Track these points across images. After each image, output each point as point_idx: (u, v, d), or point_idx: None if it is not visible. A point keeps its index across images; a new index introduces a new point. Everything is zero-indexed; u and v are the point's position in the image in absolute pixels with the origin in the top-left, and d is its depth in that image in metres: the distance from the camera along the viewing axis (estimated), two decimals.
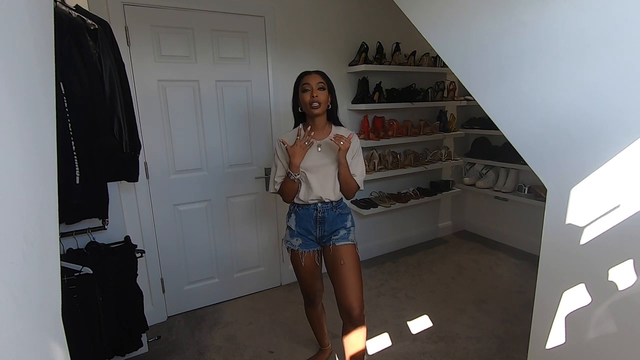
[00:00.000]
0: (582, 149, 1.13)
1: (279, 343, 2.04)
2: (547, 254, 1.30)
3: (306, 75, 1.51)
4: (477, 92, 1.40)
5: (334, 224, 1.57)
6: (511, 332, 2.09)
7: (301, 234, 1.59)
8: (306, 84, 1.48)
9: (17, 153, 0.52)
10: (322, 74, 1.52)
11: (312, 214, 1.56)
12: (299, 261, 1.61)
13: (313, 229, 1.58)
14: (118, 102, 1.43)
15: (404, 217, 3.29)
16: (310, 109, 1.47)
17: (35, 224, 0.57)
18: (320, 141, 1.54)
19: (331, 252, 1.54)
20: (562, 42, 1.11)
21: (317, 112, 1.48)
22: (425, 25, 1.52)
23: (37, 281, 0.57)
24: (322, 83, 1.48)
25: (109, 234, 1.73)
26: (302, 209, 1.57)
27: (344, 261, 1.51)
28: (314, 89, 1.46)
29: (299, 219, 1.58)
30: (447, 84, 3.21)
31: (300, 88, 1.50)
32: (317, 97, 1.46)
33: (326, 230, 1.57)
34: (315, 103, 1.46)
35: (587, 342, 1.20)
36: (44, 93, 0.67)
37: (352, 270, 1.52)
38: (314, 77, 1.49)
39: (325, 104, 1.50)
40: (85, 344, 1.40)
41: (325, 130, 1.56)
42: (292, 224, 1.61)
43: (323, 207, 1.56)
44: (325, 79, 1.51)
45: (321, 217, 1.56)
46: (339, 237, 1.56)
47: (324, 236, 1.58)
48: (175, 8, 2.03)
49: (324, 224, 1.57)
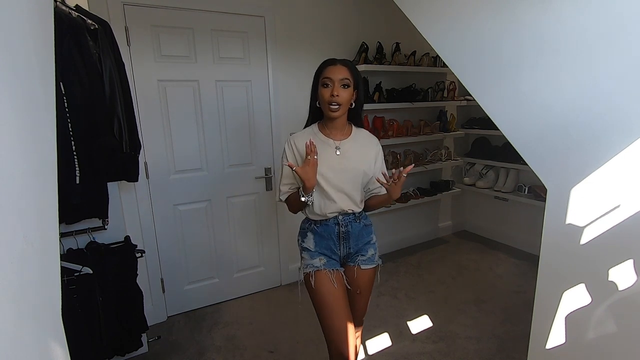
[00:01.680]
0: (582, 148, 1.13)
1: (279, 343, 2.04)
2: (547, 254, 1.30)
3: (330, 65, 1.23)
4: (477, 92, 1.40)
5: (359, 239, 1.35)
6: (511, 332, 2.09)
7: (323, 253, 1.33)
8: (327, 78, 1.21)
9: (17, 153, 0.52)
10: (349, 66, 1.24)
11: (334, 230, 1.31)
12: (328, 283, 1.26)
13: (336, 248, 1.33)
14: (118, 102, 1.43)
15: (404, 217, 3.29)
16: (329, 111, 1.23)
17: (35, 224, 0.57)
18: (339, 142, 1.30)
19: (355, 276, 1.33)
20: (563, 42, 1.11)
21: (335, 116, 1.24)
22: (425, 25, 1.51)
23: (37, 281, 0.57)
24: (348, 79, 1.22)
25: (109, 234, 1.73)
26: (321, 226, 1.32)
27: (360, 290, 1.35)
28: (336, 85, 1.20)
29: (318, 238, 1.33)
30: (447, 84, 3.21)
31: (320, 80, 1.24)
32: (337, 96, 1.20)
33: (352, 247, 1.34)
34: (334, 105, 1.21)
35: (587, 342, 1.20)
36: (44, 93, 0.67)
37: (366, 298, 1.38)
38: (339, 69, 1.21)
39: (347, 104, 1.25)
40: (85, 344, 1.40)
41: (345, 130, 1.33)
42: (310, 245, 1.33)
43: (345, 219, 1.32)
44: (352, 72, 1.24)
45: (344, 232, 1.32)
46: (367, 259, 1.35)
47: (349, 255, 1.35)
48: (175, 8, 2.03)
49: (349, 239, 1.33)
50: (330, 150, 1.29)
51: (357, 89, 1.28)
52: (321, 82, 1.24)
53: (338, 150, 1.30)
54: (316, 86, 1.28)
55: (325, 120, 1.32)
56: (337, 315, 1.26)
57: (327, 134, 1.32)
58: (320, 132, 1.33)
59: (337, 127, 1.31)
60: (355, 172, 1.30)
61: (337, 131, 1.32)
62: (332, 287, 1.27)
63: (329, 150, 1.29)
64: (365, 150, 1.35)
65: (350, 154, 1.31)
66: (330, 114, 1.24)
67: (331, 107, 1.22)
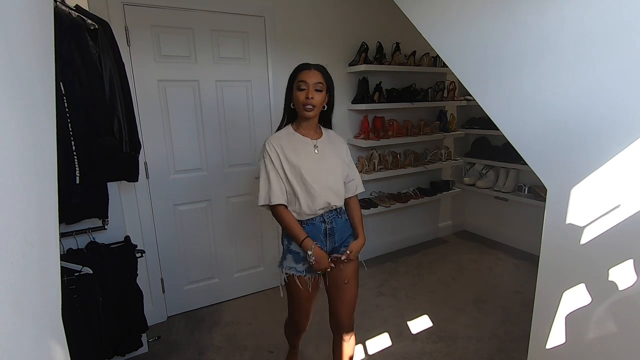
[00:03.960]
0: (583, 148, 1.13)
1: (279, 343, 2.04)
2: (547, 254, 1.30)
3: (304, 70, 1.33)
4: (477, 92, 1.40)
5: (343, 233, 1.45)
6: (511, 332, 2.09)
7: None
8: (302, 81, 1.30)
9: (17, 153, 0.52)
10: (322, 71, 1.35)
11: (321, 227, 1.40)
12: (305, 289, 1.41)
13: (323, 244, 1.41)
14: (118, 102, 1.43)
15: (404, 217, 3.29)
16: (303, 111, 1.33)
17: (35, 224, 0.57)
18: (316, 141, 1.40)
19: (341, 267, 1.43)
20: (563, 42, 1.11)
21: (310, 115, 1.34)
22: (425, 25, 1.51)
23: (37, 281, 0.57)
24: (321, 84, 1.32)
25: (109, 234, 1.73)
26: (308, 226, 1.39)
27: (348, 280, 1.44)
28: (311, 89, 1.30)
29: None
30: (447, 84, 3.21)
31: (295, 84, 1.33)
32: (312, 99, 1.30)
33: (337, 241, 1.43)
34: (309, 106, 1.31)
35: (587, 342, 1.20)
36: (44, 93, 0.67)
37: (354, 288, 1.47)
38: (313, 74, 1.31)
39: (320, 106, 1.35)
40: (85, 344, 1.39)
41: (317, 130, 1.44)
42: (297, 247, 1.39)
43: (330, 216, 1.41)
44: (325, 77, 1.35)
45: (330, 228, 1.41)
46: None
47: (334, 249, 1.44)
48: (175, 8, 2.03)
49: (334, 234, 1.42)
50: (310, 149, 1.38)
51: (329, 93, 1.39)
52: (296, 85, 1.33)
53: (316, 148, 1.39)
54: (291, 89, 1.37)
55: (299, 121, 1.41)
56: (304, 314, 1.51)
57: (303, 133, 1.40)
58: (296, 132, 1.41)
59: (311, 127, 1.41)
60: (335, 167, 1.41)
61: (312, 131, 1.41)
62: (307, 292, 1.43)
63: (308, 149, 1.38)
64: (337, 147, 1.47)
65: (327, 151, 1.41)
66: (306, 114, 1.33)
67: (306, 107, 1.32)
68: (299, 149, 1.36)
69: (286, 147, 1.36)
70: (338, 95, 2.73)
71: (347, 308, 1.49)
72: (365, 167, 2.78)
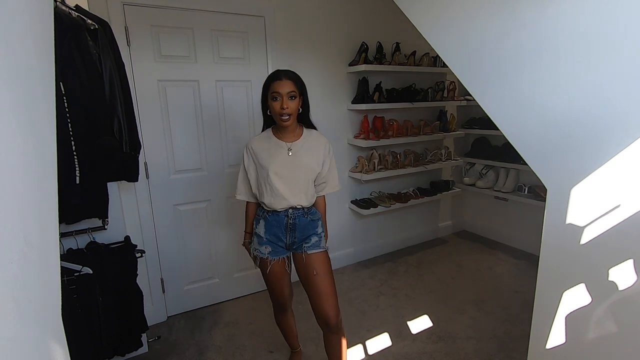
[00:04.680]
0: (583, 148, 1.13)
1: (279, 343, 2.04)
2: (547, 254, 1.30)
3: (276, 80, 1.37)
4: (477, 92, 1.40)
5: (305, 231, 1.51)
6: (511, 332, 2.09)
7: (271, 240, 1.52)
8: (276, 92, 1.35)
9: (17, 153, 0.52)
10: (293, 79, 1.39)
11: (283, 220, 1.49)
12: (266, 269, 1.54)
13: (283, 236, 1.51)
14: (118, 102, 1.43)
15: (404, 217, 3.29)
16: (280, 121, 1.39)
17: (35, 224, 0.57)
18: (290, 144, 1.46)
19: (304, 261, 1.50)
20: (563, 42, 1.11)
21: (287, 124, 1.40)
22: (425, 25, 1.51)
23: (37, 281, 0.57)
24: (294, 92, 1.37)
25: (109, 234, 1.73)
26: (272, 215, 1.50)
27: (317, 271, 1.48)
28: (285, 99, 1.35)
29: (268, 225, 1.51)
30: (447, 84, 3.21)
31: (269, 94, 1.38)
32: (287, 108, 1.35)
33: (297, 237, 1.51)
34: (285, 116, 1.37)
35: (587, 342, 1.20)
36: (44, 93, 0.67)
37: (326, 279, 1.49)
38: (285, 84, 1.36)
39: (296, 112, 1.41)
40: (85, 344, 1.39)
41: (296, 132, 1.49)
42: (260, 231, 1.52)
43: (294, 213, 1.49)
44: (297, 84, 1.39)
45: (292, 223, 1.49)
46: (310, 245, 1.51)
47: (294, 243, 1.52)
48: (175, 8, 2.03)
49: (295, 230, 1.50)
50: (283, 152, 1.45)
51: (302, 96, 1.44)
52: (271, 96, 1.38)
53: (290, 151, 1.45)
54: (265, 97, 1.43)
55: (277, 126, 1.47)
56: (273, 287, 1.60)
57: (279, 137, 1.47)
58: (273, 135, 1.49)
59: (288, 131, 1.47)
60: (305, 169, 1.47)
61: (289, 134, 1.47)
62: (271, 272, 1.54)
63: (281, 152, 1.45)
64: (314, 149, 1.50)
65: (301, 153, 1.46)
66: (282, 124, 1.40)
67: (282, 117, 1.38)
68: (272, 152, 1.45)
69: (260, 150, 1.47)
70: (338, 95, 2.73)
71: (326, 301, 1.48)
72: (365, 167, 2.78)
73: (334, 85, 2.69)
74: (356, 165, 2.87)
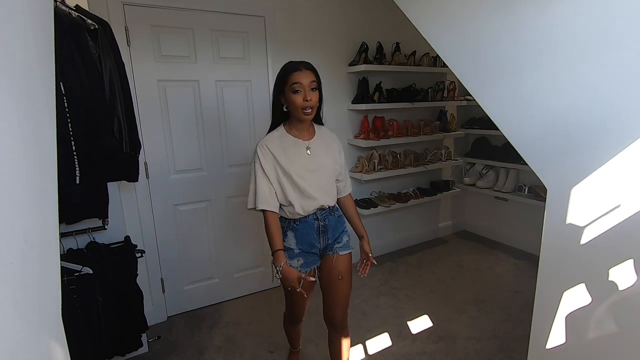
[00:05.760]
0: (583, 148, 1.13)
1: (279, 343, 2.04)
2: (547, 254, 1.30)
3: (295, 72, 1.26)
4: (477, 92, 1.40)
5: (336, 230, 1.45)
6: (511, 332, 2.09)
7: (304, 251, 1.40)
8: (297, 83, 1.24)
9: (17, 153, 0.52)
10: (312, 69, 1.30)
11: (314, 225, 1.39)
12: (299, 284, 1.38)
13: (317, 242, 1.41)
14: (118, 102, 1.43)
15: (404, 217, 3.29)
16: (302, 114, 1.28)
17: (35, 224, 0.57)
18: (308, 142, 1.37)
19: (333, 263, 1.43)
20: (563, 42, 1.11)
21: (309, 118, 1.30)
22: (425, 25, 1.51)
23: (37, 281, 0.57)
24: (315, 82, 1.27)
25: (109, 234, 1.73)
26: (301, 223, 1.38)
27: (342, 275, 1.44)
28: (307, 90, 1.24)
29: (299, 235, 1.39)
30: (447, 84, 3.21)
31: (288, 87, 1.26)
32: (310, 100, 1.25)
33: (329, 238, 1.43)
34: (308, 109, 1.27)
35: (587, 342, 1.20)
36: (44, 93, 0.67)
37: (347, 284, 1.47)
38: (306, 74, 1.25)
39: (317, 105, 1.32)
40: (85, 344, 1.39)
41: (310, 130, 1.40)
42: (291, 244, 1.40)
43: (323, 214, 1.41)
44: (316, 74, 1.30)
45: (323, 225, 1.40)
46: (342, 245, 1.46)
47: (327, 245, 1.44)
48: (175, 8, 2.03)
49: (327, 232, 1.42)
50: (302, 151, 1.35)
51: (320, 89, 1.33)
52: (291, 88, 1.25)
53: (308, 150, 1.36)
54: (281, 91, 1.31)
55: (292, 122, 1.37)
56: (299, 305, 1.53)
57: (295, 134, 1.37)
58: (288, 133, 1.37)
59: (304, 128, 1.37)
60: (326, 168, 1.39)
61: (305, 132, 1.38)
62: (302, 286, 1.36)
63: (300, 151, 1.35)
64: (330, 146, 1.44)
65: (319, 152, 1.38)
66: (305, 118, 1.29)
67: (305, 111, 1.27)
68: (290, 152, 1.34)
69: (278, 150, 1.33)
70: (338, 95, 2.73)
71: (341, 303, 1.49)
72: (365, 167, 2.78)
73: (334, 85, 2.68)
74: (356, 165, 2.87)
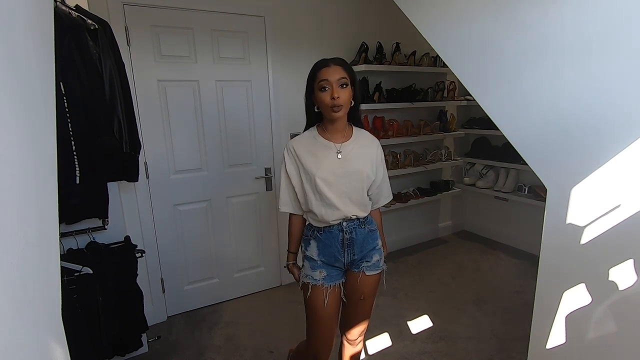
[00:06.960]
0: (583, 148, 1.13)
1: (279, 343, 2.04)
2: (547, 254, 1.30)
3: (324, 67, 1.18)
4: (477, 92, 1.40)
5: (364, 245, 1.30)
6: (511, 332, 2.09)
7: (326, 263, 1.29)
8: (324, 80, 1.16)
9: (17, 153, 0.52)
10: (343, 64, 1.20)
11: (338, 236, 1.27)
12: (321, 301, 1.27)
13: (340, 255, 1.28)
14: (118, 102, 1.43)
15: (404, 217, 3.29)
16: (331, 113, 1.18)
17: (35, 224, 0.57)
18: (340, 145, 1.25)
19: (357, 283, 1.31)
20: (563, 42, 1.11)
21: (339, 116, 1.20)
22: (425, 25, 1.51)
23: (37, 281, 0.57)
24: (345, 78, 1.17)
25: (109, 234, 1.73)
26: (324, 233, 1.28)
27: (364, 296, 1.33)
28: (335, 88, 1.15)
29: (321, 245, 1.28)
30: (447, 84, 3.21)
31: (316, 85, 1.19)
32: (338, 97, 1.15)
33: (356, 254, 1.29)
34: (336, 107, 1.16)
35: (588, 342, 1.20)
36: (44, 93, 0.67)
37: (369, 303, 1.36)
38: (334, 70, 1.16)
39: (348, 103, 1.21)
40: (85, 344, 1.39)
41: (346, 132, 1.28)
42: (312, 253, 1.30)
43: (349, 225, 1.27)
44: (347, 70, 1.19)
45: (349, 238, 1.27)
46: (371, 265, 1.32)
47: (353, 262, 1.31)
48: (175, 8, 2.03)
49: (353, 246, 1.28)
50: (332, 154, 1.24)
51: (354, 86, 1.22)
52: (318, 86, 1.18)
53: (339, 153, 1.24)
54: (312, 90, 1.23)
55: (325, 123, 1.27)
56: (323, 327, 1.32)
57: (327, 137, 1.27)
58: (320, 135, 1.28)
59: (338, 130, 1.26)
60: (358, 175, 1.25)
61: (338, 134, 1.26)
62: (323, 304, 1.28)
63: (329, 154, 1.24)
64: (367, 151, 1.30)
65: (352, 156, 1.25)
66: (334, 116, 1.19)
67: (334, 109, 1.17)
68: (318, 155, 1.24)
69: (304, 152, 1.26)
70: None
71: (360, 321, 1.40)
72: None
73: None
74: None
